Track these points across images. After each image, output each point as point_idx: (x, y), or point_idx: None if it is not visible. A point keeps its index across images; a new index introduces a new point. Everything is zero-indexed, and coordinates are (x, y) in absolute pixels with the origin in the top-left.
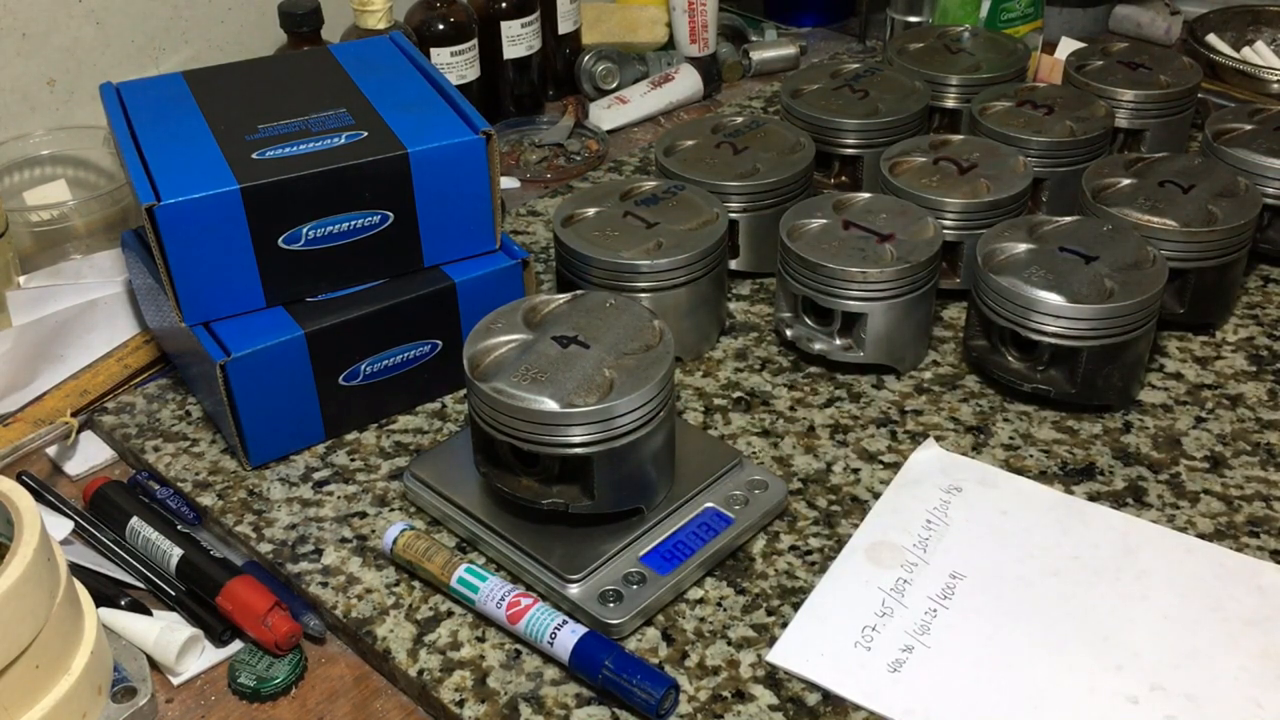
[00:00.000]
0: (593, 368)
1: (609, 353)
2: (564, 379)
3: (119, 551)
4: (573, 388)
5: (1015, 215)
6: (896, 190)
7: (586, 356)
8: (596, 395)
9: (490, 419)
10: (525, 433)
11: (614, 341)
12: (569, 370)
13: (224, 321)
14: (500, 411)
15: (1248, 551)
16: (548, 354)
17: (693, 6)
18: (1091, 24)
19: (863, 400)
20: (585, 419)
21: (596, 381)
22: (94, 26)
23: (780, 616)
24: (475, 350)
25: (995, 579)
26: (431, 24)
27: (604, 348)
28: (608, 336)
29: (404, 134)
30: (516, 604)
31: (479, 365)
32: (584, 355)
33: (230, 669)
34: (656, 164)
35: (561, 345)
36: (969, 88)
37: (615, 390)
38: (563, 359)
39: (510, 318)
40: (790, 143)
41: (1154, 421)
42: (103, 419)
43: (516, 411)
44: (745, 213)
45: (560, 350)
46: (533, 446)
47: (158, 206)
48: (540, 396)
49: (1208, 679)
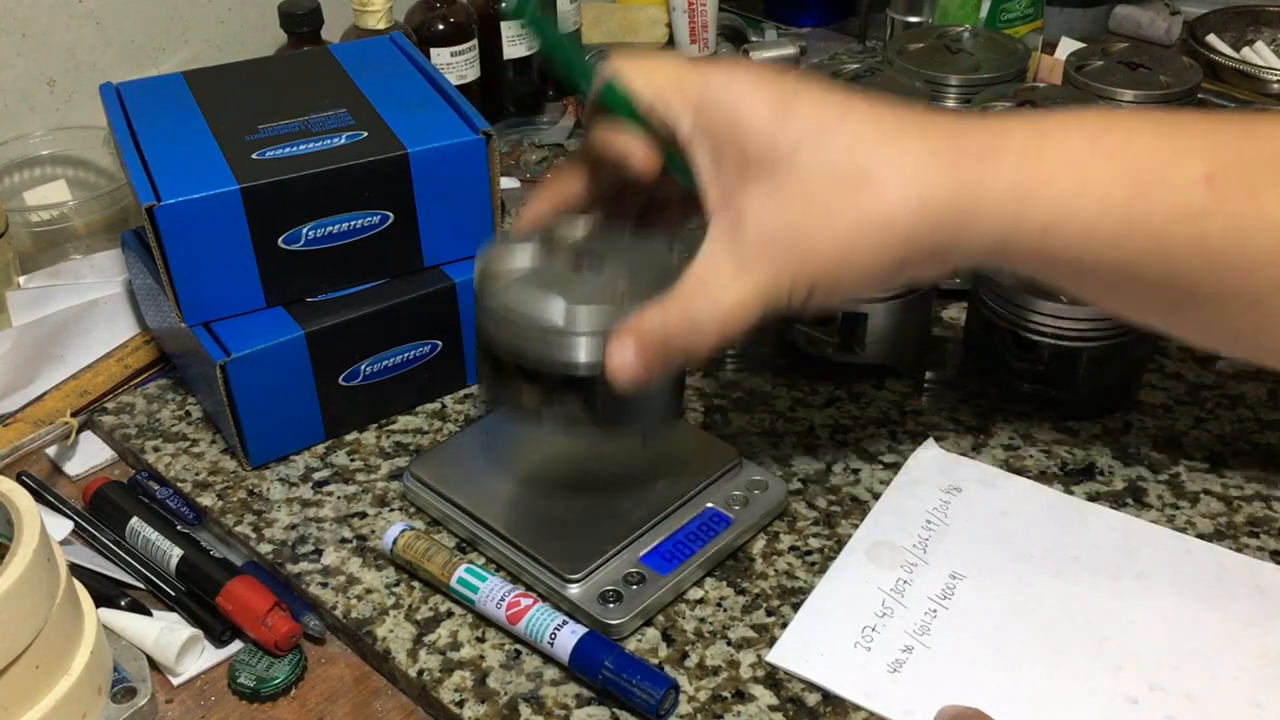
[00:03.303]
0: (605, 288)
1: (624, 278)
2: (574, 295)
3: (119, 551)
4: (584, 308)
5: None
6: None
7: (601, 279)
8: (606, 313)
9: (495, 331)
10: (530, 344)
11: (630, 265)
12: (580, 288)
13: (224, 321)
14: (506, 321)
15: (1248, 552)
16: (561, 271)
17: (693, 6)
18: (1091, 24)
19: (863, 400)
20: (593, 338)
21: (607, 301)
22: (94, 26)
23: (780, 617)
24: (488, 264)
25: (995, 579)
26: (431, 24)
27: (619, 273)
28: (625, 263)
29: (404, 134)
30: (516, 604)
31: (490, 276)
32: (598, 277)
33: (230, 669)
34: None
35: (575, 265)
36: (969, 88)
37: (626, 310)
38: (577, 280)
39: (526, 239)
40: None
41: (1154, 421)
42: (103, 419)
43: (522, 320)
44: None
45: (574, 269)
46: (537, 360)
47: (158, 206)
48: (548, 309)
49: (1208, 679)
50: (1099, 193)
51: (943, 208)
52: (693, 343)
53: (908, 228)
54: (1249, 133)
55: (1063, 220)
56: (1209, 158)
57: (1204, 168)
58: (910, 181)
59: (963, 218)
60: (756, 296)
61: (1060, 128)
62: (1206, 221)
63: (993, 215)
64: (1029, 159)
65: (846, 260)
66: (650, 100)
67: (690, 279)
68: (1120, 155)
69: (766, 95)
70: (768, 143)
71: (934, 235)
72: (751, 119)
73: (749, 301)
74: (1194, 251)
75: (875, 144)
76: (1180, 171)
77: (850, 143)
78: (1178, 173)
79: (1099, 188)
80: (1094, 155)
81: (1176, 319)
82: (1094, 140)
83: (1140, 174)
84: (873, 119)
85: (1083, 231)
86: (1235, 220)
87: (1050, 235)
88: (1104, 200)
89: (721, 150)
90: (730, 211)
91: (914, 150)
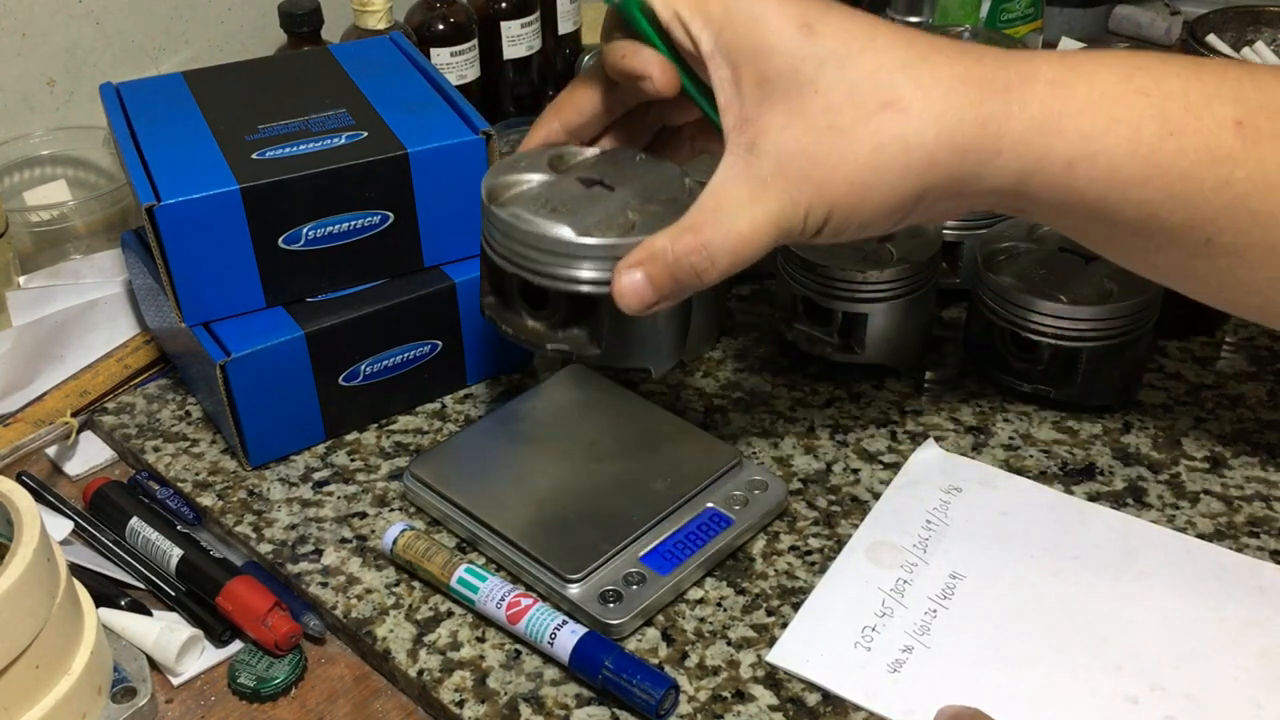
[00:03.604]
0: (615, 208)
1: (635, 197)
2: (584, 214)
3: (119, 551)
4: (592, 222)
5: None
6: None
7: (611, 198)
8: (616, 232)
9: (503, 247)
10: (538, 264)
11: (641, 189)
12: (590, 207)
13: (224, 321)
14: (514, 239)
15: (1248, 551)
16: (570, 191)
17: None
18: (1091, 24)
19: (863, 400)
20: (600, 253)
21: (618, 221)
22: (94, 26)
23: (780, 617)
24: (495, 181)
25: (995, 579)
26: (431, 24)
27: (630, 192)
28: (636, 184)
29: (404, 134)
30: (516, 604)
31: (498, 194)
32: (608, 196)
33: (230, 669)
34: None
35: (586, 185)
36: None
37: (636, 231)
38: (585, 197)
39: (535, 159)
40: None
41: (1154, 421)
42: (103, 419)
43: (531, 239)
44: None
45: (584, 189)
46: (544, 280)
47: (158, 206)
48: (557, 224)
49: (1208, 679)
50: (1128, 130)
51: (968, 135)
52: (704, 267)
53: (931, 153)
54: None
55: (1089, 156)
56: (1240, 103)
57: (1235, 113)
58: (937, 106)
59: (988, 146)
60: (771, 222)
61: (1092, 63)
62: (1234, 167)
63: (1019, 145)
64: (1059, 91)
65: (867, 184)
66: (671, 17)
67: (704, 201)
68: (1152, 94)
69: (791, 14)
70: (791, 63)
71: (958, 163)
72: (775, 38)
73: (764, 226)
74: (1219, 197)
75: (902, 67)
76: (1211, 115)
77: (876, 65)
78: (1209, 116)
79: (1128, 125)
80: (1125, 92)
81: (1192, 269)
82: (1126, 77)
83: (1171, 114)
84: (901, 42)
85: (1109, 168)
86: (1263, 167)
87: (1076, 171)
88: (1133, 138)
89: (742, 70)
90: (748, 133)
91: (942, 75)
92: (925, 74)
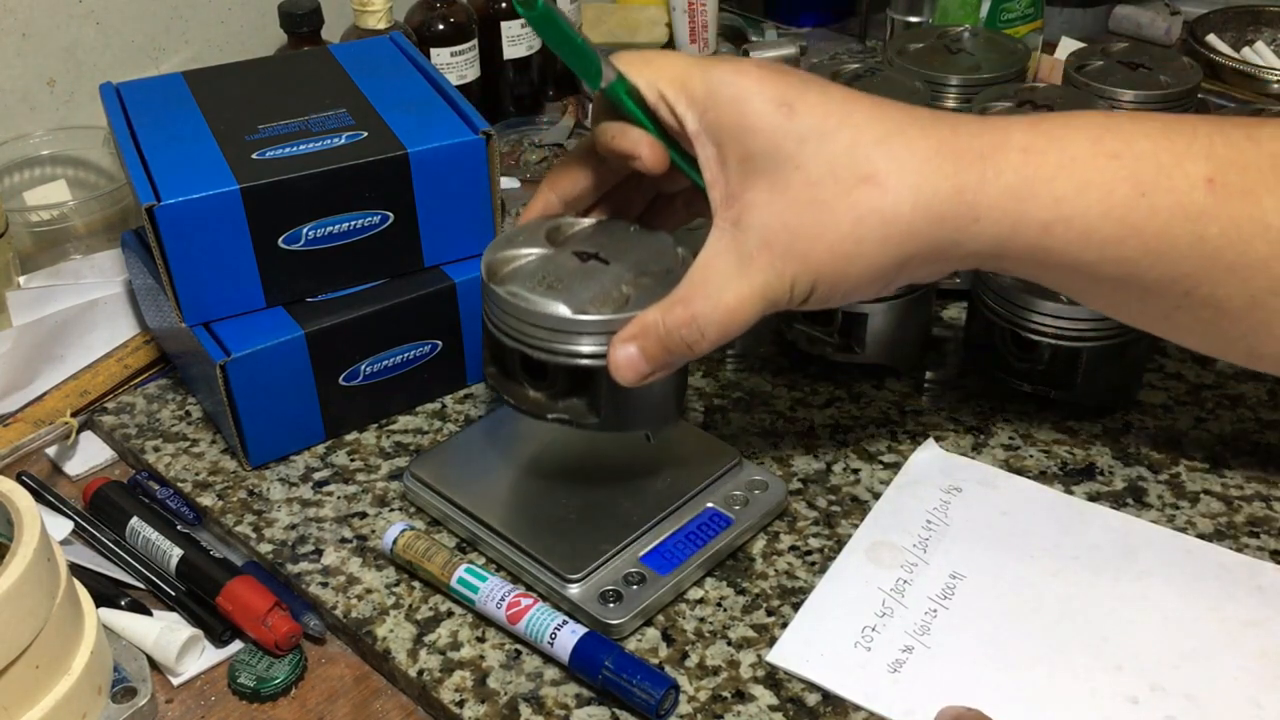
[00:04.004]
0: (610, 282)
1: (629, 270)
2: (580, 289)
3: (119, 551)
4: (588, 298)
5: None
6: None
7: (606, 271)
8: (611, 307)
9: (503, 324)
10: (536, 339)
11: (635, 261)
12: (586, 282)
13: (224, 321)
14: (513, 316)
15: (1248, 551)
16: (567, 265)
17: (693, 6)
18: (1091, 24)
19: (863, 400)
20: (596, 328)
21: (613, 295)
22: (94, 26)
23: (780, 616)
24: (495, 257)
25: (995, 579)
26: (431, 24)
27: (624, 266)
28: (630, 257)
29: (404, 134)
30: (516, 604)
31: (497, 271)
32: (603, 270)
33: (230, 669)
34: None
35: (582, 260)
36: (969, 88)
37: (630, 305)
38: (581, 271)
39: (532, 233)
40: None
41: (1154, 421)
42: (103, 419)
43: (529, 316)
44: None
45: (580, 264)
46: (542, 355)
47: (158, 206)
48: (554, 302)
49: (1208, 679)
50: (1101, 193)
51: (945, 204)
52: (694, 339)
53: (910, 225)
54: (1250, 136)
55: (1064, 219)
56: (1211, 160)
57: (1206, 170)
58: (912, 178)
59: (965, 215)
60: (758, 294)
61: (1063, 128)
62: (1207, 223)
63: (994, 213)
64: (1031, 158)
65: (848, 257)
66: (656, 98)
67: (693, 276)
68: (1123, 156)
69: (770, 93)
70: (771, 141)
71: (936, 233)
72: (756, 118)
73: (750, 299)
74: (1194, 253)
75: (878, 141)
76: (1182, 173)
77: (853, 140)
78: (1180, 175)
79: (1100, 188)
80: (1096, 156)
81: (1174, 321)
82: (1096, 141)
83: (1142, 175)
84: (876, 117)
85: (1084, 230)
86: (1235, 223)
87: (1051, 234)
88: (1105, 200)
89: (726, 148)
90: (734, 208)
91: (917, 148)
92: (900, 147)
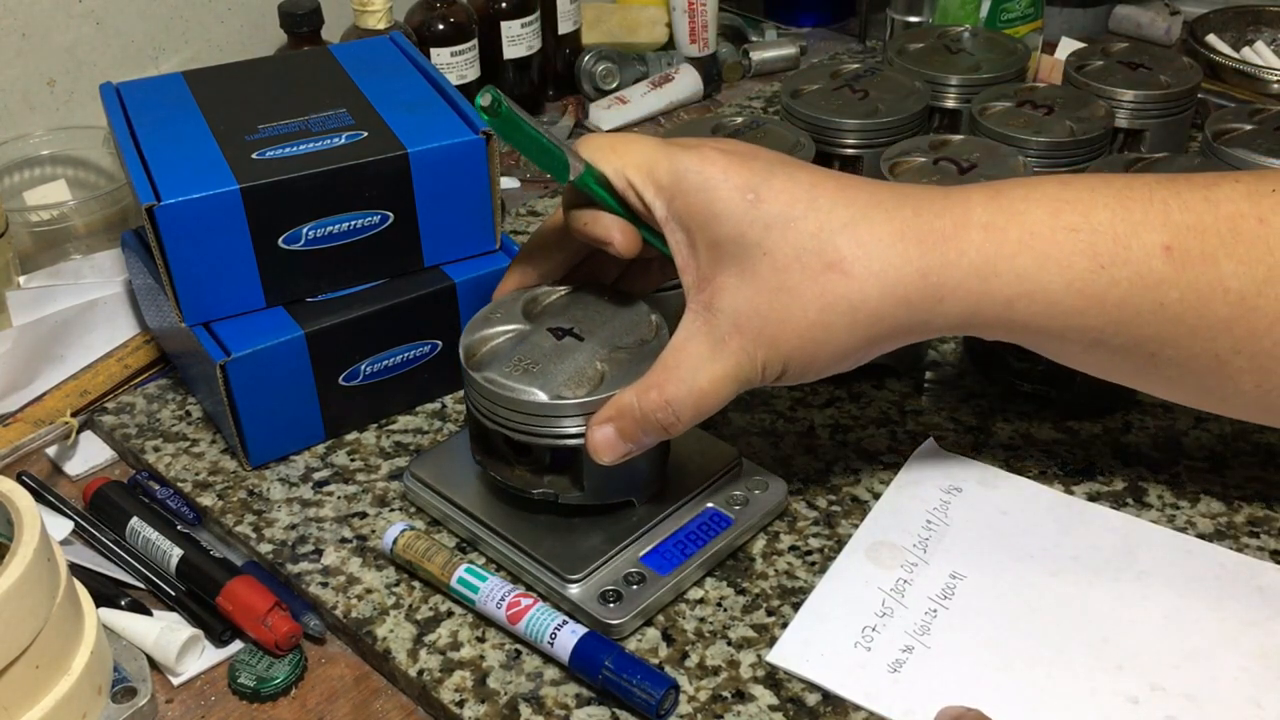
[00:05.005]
0: (585, 361)
1: (603, 346)
2: (556, 371)
3: (119, 551)
4: (563, 380)
5: None
6: None
7: (580, 349)
8: (587, 388)
9: (483, 408)
10: (516, 423)
11: (609, 335)
12: (561, 362)
13: (224, 321)
14: (492, 401)
15: (1248, 551)
16: (542, 345)
17: (693, 6)
18: (1091, 24)
19: (863, 400)
20: (573, 411)
21: (588, 374)
22: (94, 26)
23: (780, 616)
24: (472, 340)
25: (995, 579)
26: (431, 24)
27: (599, 341)
28: (604, 330)
29: (404, 134)
30: (516, 604)
31: (475, 355)
32: (578, 348)
33: (230, 669)
34: None
35: (556, 337)
36: (969, 88)
37: (605, 383)
38: (556, 351)
39: (509, 308)
40: (790, 143)
41: (1154, 421)
42: (103, 419)
43: (507, 402)
44: None
45: (555, 342)
46: (523, 437)
47: (158, 206)
48: (530, 388)
49: (1208, 679)
50: (1059, 268)
51: (910, 289)
52: (669, 421)
53: (876, 309)
54: (1207, 198)
55: (1027, 294)
56: (1167, 228)
57: (1163, 239)
58: (878, 265)
59: (930, 297)
60: (730, 375)
61: (1023, 200)
62: (1167, 289)
63: (959, 292)
64: (992, 235)
65: (817, 342)
66: (625, 186)
67: (667, 358)
68: (1081, 229)
69: (736, 181)
70: (739, 228)
71: (903, 315)
72: (722, 206)
73: (723, 380)
74: (1155, 319)
75: (843, 227)
76: (1140, 244)
77: (819, 225)
78: (1137, 244)
79: (1059, 263)
80: (1055, 230)
81: (1145, 379)
82: (1055, 215)
83: (1100, 248)
84: (841, 201)
85: (1047, 303)
86: (1194, 288)
87: (1016, 308)
88: (1066, 274)
89: (695, 234)
90: (706, 292)
91: (881, 234)
92: (865, 233)
